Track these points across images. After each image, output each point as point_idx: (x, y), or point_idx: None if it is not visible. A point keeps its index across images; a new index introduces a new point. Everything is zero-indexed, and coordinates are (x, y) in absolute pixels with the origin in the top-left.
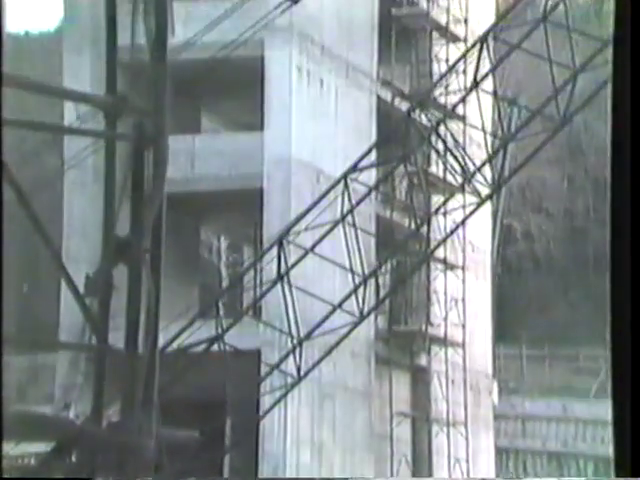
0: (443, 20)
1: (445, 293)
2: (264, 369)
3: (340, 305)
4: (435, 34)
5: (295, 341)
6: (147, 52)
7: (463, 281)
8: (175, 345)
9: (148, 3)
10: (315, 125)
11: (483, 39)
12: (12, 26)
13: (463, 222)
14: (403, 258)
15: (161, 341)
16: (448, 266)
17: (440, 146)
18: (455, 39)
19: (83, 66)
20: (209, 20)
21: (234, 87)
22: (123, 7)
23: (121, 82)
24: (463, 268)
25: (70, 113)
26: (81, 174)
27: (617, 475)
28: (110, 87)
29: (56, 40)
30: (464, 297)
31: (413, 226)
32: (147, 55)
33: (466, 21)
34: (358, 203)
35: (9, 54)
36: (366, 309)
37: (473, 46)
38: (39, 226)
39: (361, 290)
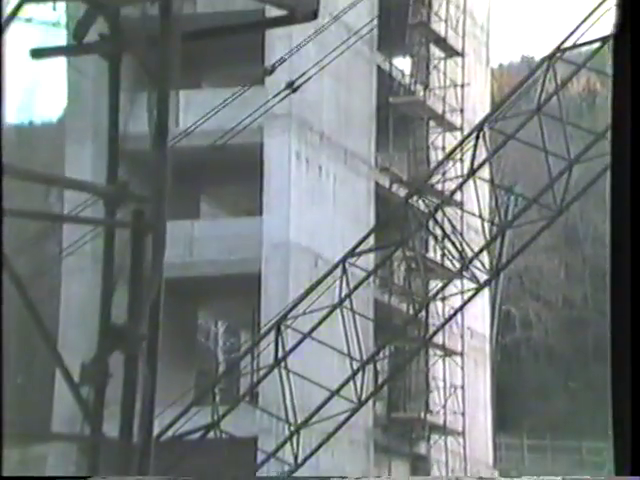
0: (440, 109)
1: (444, 380)
2: (261, 457)
3: (338, 391)
4: (432, 122)
5: (292, 428)
6: (148, 140)
7: (462, 368)
8: (170, 433)
9: (151, 92)
10: (314, 210)
11: (479, 128)
12: (16, 117)
13: (461, 308)
14: (402, 344)
15: (156, 428)
16: (447, 352)
17: (438, 232)
18: (452, 128)
19: (84, 155)
20: (209, 108)
21: (233, 173)
22: (126, 96)
23: (122, 169)
24: (462, 355)
25: (70, 201)
26: (79, 260)
27: (617, 475)
28: (111, 175)
29: (59, 130)
30: (463, 384)
31: (411, 311)
32: (148, 143)
33: (462, 110)
34: (356, 287)
35: (13, 145)
36: (364, 395)
37: (469, 135)
38: (35, 314)
39: (359, 376)
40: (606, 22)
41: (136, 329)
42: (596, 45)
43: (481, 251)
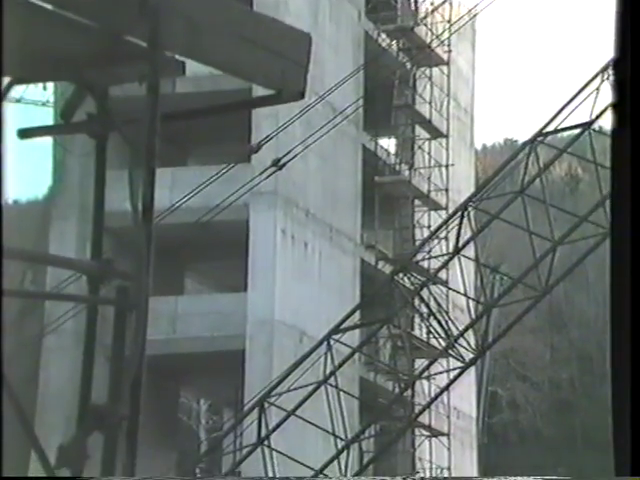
0: (425, 188)
1: (430, 461)
2: None
3: (322, 471)
4: (417, 201)
5: None
6: (132, 217)
7: (449, 449)
8: None
9: (135, 169)
10: (299, 287)
11: (463, 208)
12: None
13: (447, 387)
14: (387, 423)
15: None
16: (433, 433)
17: (424, 310)
18: (437, 207)
19: (69, 232)
20: (195, 185)
21: (219, 249)
22: (112, 174)
23: (106, 246)
24: (448, 435)
25: (52, 278)
26: (60, 339)
27: (617, 475)
28: (95, 252)
29: (44, 207)
30: (450, 466)
31: (397, 390)
32: (132, 220)
33: (447, 190)
34: (341, 365)
35: None
36: (349, 475)
37: (454, 214)
38: (12, 397)
39: (344, 455)
40: (587, 108)
41: (116, 409)
42: (577, 131)
43: (467, 330)
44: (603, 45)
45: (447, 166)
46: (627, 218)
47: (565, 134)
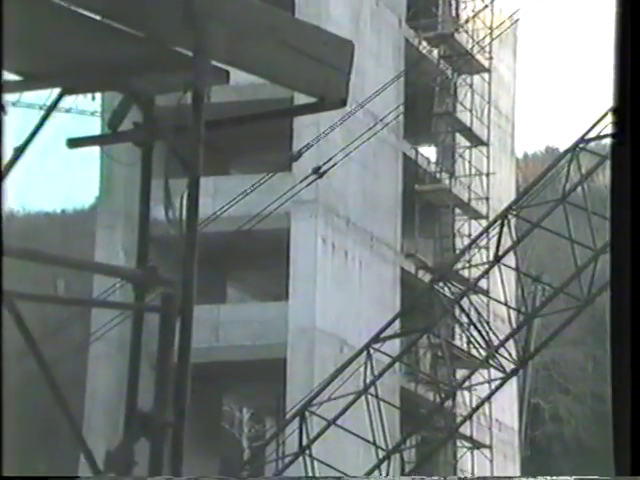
0: (465, 197)
1: (472, 473)
2: None
3: None
4: (457, 210)
5: None
6: (177, 226)
7: (491, 461)
8: None
9: (179, 178)
10: (339, 295)
11: (503, 216)
12: (49, 205)
13: (489, 398)
14: (428, 433)
15: None
16: (475, 444)
17: (464, 319)
18: (477, 215)
19: (115, 240)
20: (237, 194)
21: (260, 258)
22: (157, 182)
23: (151, 254)
24: (490, 447)
25: (99, 285)
26: (106, 346)
27: (617, 474)
28: (141, 260)
29: (91, 216)
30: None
31: (438, 400)
32: (177, 228)
33: (487, 199)
34: (381, 374)
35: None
36: None
37: (494, 222)
38: (61, 400)
39: (385, 465)
40: None
41: (162, 416)
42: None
43: (507, 340)
44: None
45: (488, 174)
46: (627, 232)
47: (609, 141)
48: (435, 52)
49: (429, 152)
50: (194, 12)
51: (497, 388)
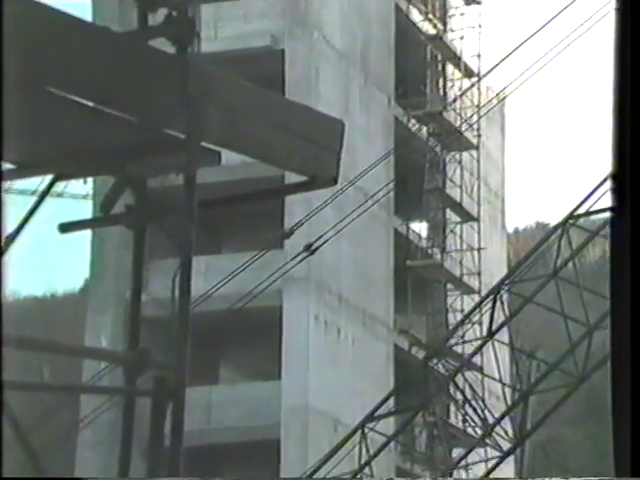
0: (457, 272)
1: None
2: None
3: None
4: (450, 285)
5: None
6: (169, 306)
7: None
8: None
9: (171, 259)
10: (332, 373)
11: (496, 291)
12: (39, 289)
13: (486, 477)
14: None
15: None
16: None
17: (459, 396)
18: (469, 290)
19: (105, 323)
20: (229, 272)
21: (252, 336)
22: (148, 263)
23: (142, 335)
24: None
25: (88, 369)
26: (96, 432)
27: (617, 475)
28: (132, 342)
29: (81, 299)
30: None
31: None
32: (169, 309)
33: (479, 274)
34: (376, 454)
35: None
36: None
37: (486, 297)
38: None
39: None
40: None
41: None
42: (609, 214)
43: (502, 418)
44: None
45: (479, 249)
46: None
47: (600, 216)
48: (424, 129)
49: (420, 228)
50: (187, 95)
51: (494, 467)
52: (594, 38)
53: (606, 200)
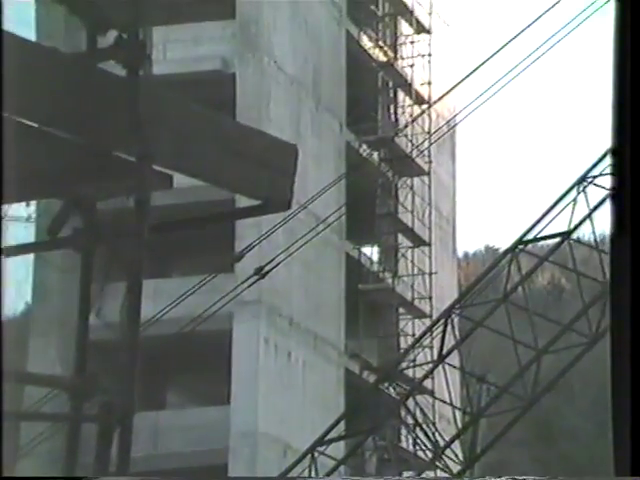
0: (409, 296)
1: None
2: None
3: None
4: (401, 309)
5: None
6: (117, 330)
7: None
8: None
9: (120, 282)
10: (282, 397)
11: (447, 315)
12: None
13: None
14: None
15: None
16: None
17: (410, 420)
18: (421, 315)
19: (49, 348)
20: (178, 295)
21: (201, 361)
22: (95, 287)
23: (90, 360)
24: None
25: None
26: (35, 460)
27: (617, 475)
28: (79, 367)
29: (23, 323)
30: None
31: None
32: (117, 332)
33: (430, 298)
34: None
35: None
36: None
37: (437, 321)
38: None
39: None
40: (566, 217)
41: None
42: (557, 240)
43: (453, 441)
44: (581, 155)
45: (430, 274)
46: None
47: (549, 242)
48: (375, 155)
49: (372, 252)
50: (139, 119)
51: None
52: (545, 66)
53: (555, 226)
